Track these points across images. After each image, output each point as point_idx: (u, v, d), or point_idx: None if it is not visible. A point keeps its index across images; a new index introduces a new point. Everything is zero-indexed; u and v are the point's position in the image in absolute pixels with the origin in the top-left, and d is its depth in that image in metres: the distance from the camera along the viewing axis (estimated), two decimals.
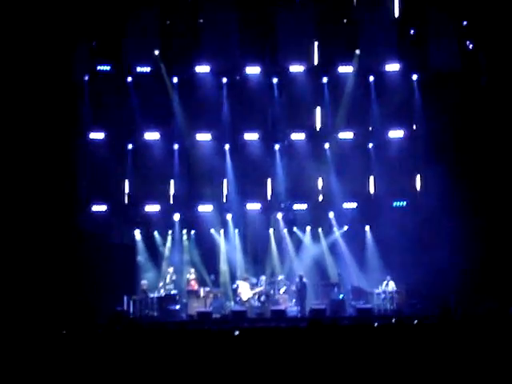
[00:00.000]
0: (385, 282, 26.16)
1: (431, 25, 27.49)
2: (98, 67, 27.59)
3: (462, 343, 13.45)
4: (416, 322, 20.08)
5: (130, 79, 27.83)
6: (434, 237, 26.09)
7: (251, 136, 28.44)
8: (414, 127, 28.38)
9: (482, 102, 26.83)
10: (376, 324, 18.77)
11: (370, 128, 28.64)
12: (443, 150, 26.97)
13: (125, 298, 25.39)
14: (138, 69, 27.80)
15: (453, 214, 25.89)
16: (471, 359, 12.46)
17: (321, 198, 28.88)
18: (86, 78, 27.39)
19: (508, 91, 26.01)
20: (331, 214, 28.61)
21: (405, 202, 28.08)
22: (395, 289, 25.97)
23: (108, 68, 27.62)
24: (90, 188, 27.20)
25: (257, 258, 28.37)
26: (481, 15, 26.93)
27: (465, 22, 27.28)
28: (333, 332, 15.23)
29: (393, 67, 28.01)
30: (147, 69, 27.84)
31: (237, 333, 14.78)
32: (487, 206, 26.39)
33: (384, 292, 25.95)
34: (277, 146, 28.59)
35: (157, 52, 27.48)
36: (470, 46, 27.48)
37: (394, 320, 22.18)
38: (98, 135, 27.57)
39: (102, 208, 27.46)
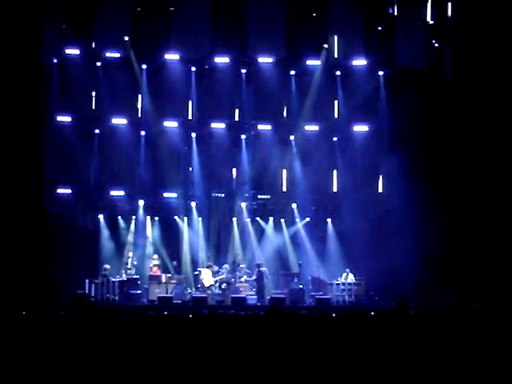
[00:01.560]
0: (344, 274, 26.48)
1: (398, 22, 27.85)
2: (67, 51, 27.48)
3: (417, 336, 13.76)
4: (373, 313, 20.48)
5: (98, 64, 27.77)
6: (394, 230, 26.41)
7: (218, 125, 28.61)
8: (379, 122, 28.71)
9: (446, 98, 27.20)
10: (334, 315, 19.08)
11: (335, 121, 28.94)
12: (406, 145, 27.26)
13: (86, 282, 25.47)
14: (108, 54, 27.68)
15: (413, 209, 26.19)
16: (426, 352, 12.74)
17: (285, 188, 29.16)
18: (55, 61, 27.27)
19: (472, 87, 26.38)
20: (294, 205, 28.91)
21: (367, 196, 28.40)
22: (354, 281, 26.32)
23: (77, 52, 27.53)
24: (56, 171, 27.16)
25: (219, 246, 28.60)
26: (446, 13, 27.35)
27: (431, 21, 27.66)
28: (291, 321, 15.51)
29: (360, 62, 28.31)
30: (116, 54, 27.76)
31: (191, 316, 15.00)
32: (447, 201, 26.77)
33: (343, 284, 26.26)
34: (243, 136, 28.79)
35: (127, 38, 27.42)
36: (436, 44, 27.88)
37: (351, 311, 22.58)
38: (65, 118, 27.52)
39: (67, 191, 27.46)
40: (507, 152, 25.47)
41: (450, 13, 27.21)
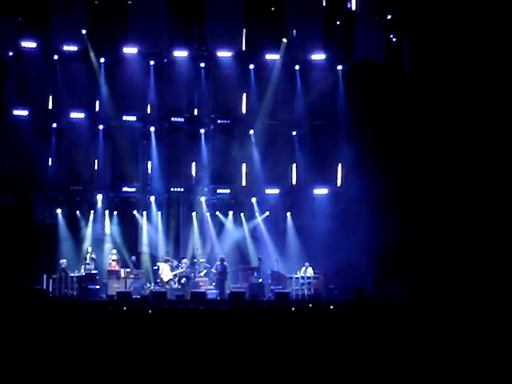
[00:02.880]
0: (303, 268, 26.58)
1: (357, 16, 28.06)
2: (23, 43, 27.15)
3: (376, 327, 13.92)
4: (332, 307, 20.65)
5: (56, 57, 27.47)
6: (353, 225, 26.62)
7: (177, 119, 28.50)
8: (338, 116, 28.90)
9: (403, 91, 27.51)
10: (293, 308, 19.21)
11: (295, 116, 29.04)
12: (365, 140, 27.52)
13: (44, 277, 25.24)
14: (65, 47, 27.40)
15: (371, 203, 26.42)
16: (384, 343, 12.89)
17: (244, 183, 29.19)
18: (10, 54, 26.95)
19: (429, 81, 26.70)
20: (254, 200, 28.96)
21: (326, 190, 28.58)
22: (313, 275, 26.44)
23: (33, 45, 27.21)
24: (13, 165, 26.92)
25: (179, 241, 28.54)
26: (404, 9, 27.63)
27: (389, 16, 27.91)
28: (252, 314, 15.60)
29: (318, 57, 28.43)
30: (74, 48, 27.48)
31: (150, 311, 15.01)
32: (405, 196, 27.06)
33: (302, 277, 26.36)
34: (202, 131, 28.72)
35: (84, 31, 27.19)
36: (394, 39, 28.15)
37: (310, 305, 22.74)
38: (21, 112, 27.19)
39: (24, 186, 27.17)
40: (463, 142, 25.83)
41: (407, 8, 27.49)
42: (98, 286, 25.56)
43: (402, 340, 13.10)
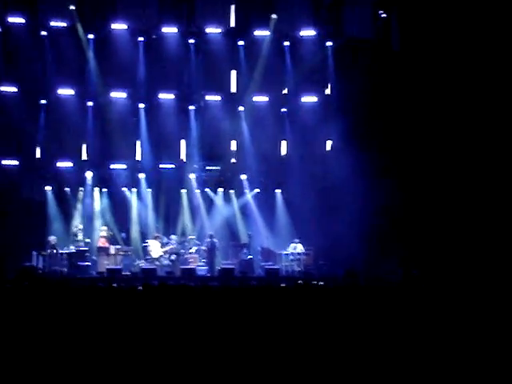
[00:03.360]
0: (293, 245, 26.69)
1: None
2: (11, 19, 26.96)
3: (367, 305, 13.96)
4: (322, 283, 20.73)
5: (44, 33, 27.29)
6: (342, 200, 26.66)
7: (166, 96, 28.46)
8: (327, 92, 28.90)
9: (393, 68, 27.54)
10: (283, 285, 19.27)
11: (284, 92, 29.02)
12: (355, 116, 27.55)
13: (34, 254, 25.26)
14: (53, 23, 27.22)
15: (362, 178, 26.49)
16: (374, 321, 12.95)
17: (234, 160, 29.19)
18: None
19: (418, 57, 26.74)
20: (243, 177, 28.98)
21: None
22: (303, 251, 26.55)
23: (21, 21, 27.01)
24: (1, 142, 26.83)
25: (168, 218, 28.56)
26: None
27: None
28: (241, 292, 15.62)
29: (308, 33, 28.36)
30: (62, 23, 27.33)
31: (140, 288, 15.00)
32: (396, 172, 27.16)
33: (292, 254, 26.49)
34: (192, 107, 28.67)
35: (72, 7, 27.00)
36: (383, 15, 28.10)
37: (300, 281, 22.81)
38: (10, 89, 27.09)
39: (14, 163, 27.12)
40: (453, 118, 25.90)
41: None
42: (88, 263, 25.59)
43: (393, 318, 13.15)
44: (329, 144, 28.65)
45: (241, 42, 28.56)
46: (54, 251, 25.28)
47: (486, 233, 24.58)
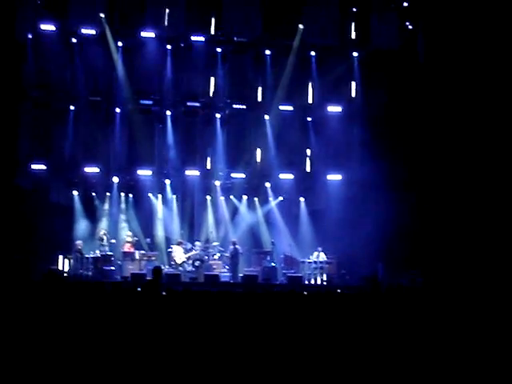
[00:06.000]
0: (316, 253, 26.80)
1: (373, 3, 28.11)
2: (42, 26, 27.31)
3: (388, 313, 14.06)
4: (339, 291, 20.83)
5: (74, 40, 27.70)
6: (366, 211, 26.75)
7: (193, 104, 28.70)
8: (353, 102, 29.00)
9: (418, 79, 27.59)
10: (305, 292, 19.37)
11: (310, 102, 29.18)
12: (380, 126, 27.67)
13: (60, 257, 25.57)
14: (83, 30, 27.57)
15: (384, 189, 26.58)
16: (395, 329, 13.04)
17: (259, 167, 29.36)
18: (30, 36, 27.09)
19: (444, 69, 26.77)
20: (268, 184, 29.15)
21: (340, 176, 28.75)
22: (326, 259, 26.66)
23: (52, 28, 27.37)
24: (31, 147, 27.15)
25: (193, 224, 28.76)
26: None
27: (405, 3, 27.96)
28: (265, 298, 15.76)
29: (334, 43, 28.50)
30: (92, 31, 27.66)
31: (164, 293, 15.18)
32: (418, 182, 27.22)
33: (315, 262, 26.60)
34: (218, 115, 28.87)
35: (102, 15, 27.36)
36: (410, 27, 28.19)
37: (323, 289, 22.94)
38: (39, 94, 27.43)
39: (42, 167, 27.42)
40: (477, 130, 25.90)
41: None
42: (113, 268, 25.84)
43: (413, 325, 13.24)
44: (353, 153, 28.71)
45: (267, 52, 28.77)
46: (80, 255, 25.55)
47: (507, 244, 24.55)
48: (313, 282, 26.25)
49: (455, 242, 25.50)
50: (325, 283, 26.02)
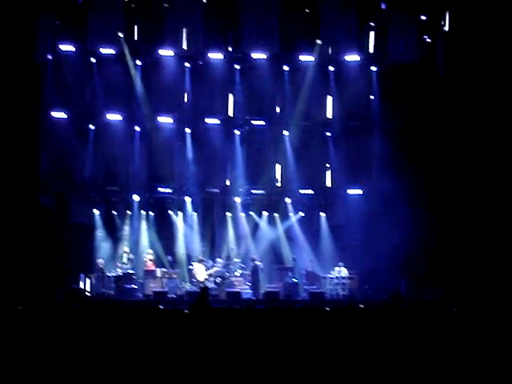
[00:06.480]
0: (337, 268, 26.71)
1: (391, 17, 28.07)
2: (61, 47, 27.53)
3: (410, 329, 13.98)
4: (362, 306, 20.72)
5: (93, 60, 27.89)
6: (387, 225, 26.61)
7: (212, 121, 28.78)
8: (372, 116, 28.95)
9: (438, 93, 27.50)
10: (328, 308, 19.29)
11: (329, 117, 29.16)
12: (400, 140, 27.59)
13: (82, 276, 25.63)
14: (102, 50, 27.77)
15: (406, 203, 26.45)
16: (418, 345, 12.95)
17: (278, 183, 29.34)
18: (49, 57, 27.30)
19: (464, 82, 26.67)
20: (288, 200, 29.11)
21: (360, 191, 28.67)
22: (347, 275, 26.55)
23: (71, 48, 27.60)
24: (51, 166, 27.32)
25: (214, 241, 28.75)
26: (439, 9, 27.63)
27: (423, 16, 27.91)
28: (287, 314, 15.73)
29: (352, 58, 28.49)
30: (111, 51, 27.85)
31: (186, 311, 15.17)
32: (440, 196, 27.05)
33: (337, 277, 26.49)
34: (237, 132, 28.94)
35: (121, 34, 27.51)
36: (428, 40, 28.14)
37: (344, 305, 22.81)
38: (60, 115, 27.62)
39: (63, 186, 27.55)
40: (499, 143, 25.75)
41: (440, 8, 27.49)
42: (134, 286, 25.88)
43: (437, 341, 13.15)
44: (373, 167, 28.63)
45: (286, 67, 28.81)
46: (102, 274, 25.62)
47: None
48: (335, 297, 26.14)
49: (479, 257, 25.29)
50: (347, 298, 25.91)
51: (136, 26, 27.87)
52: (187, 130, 28.67)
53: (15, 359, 12.04)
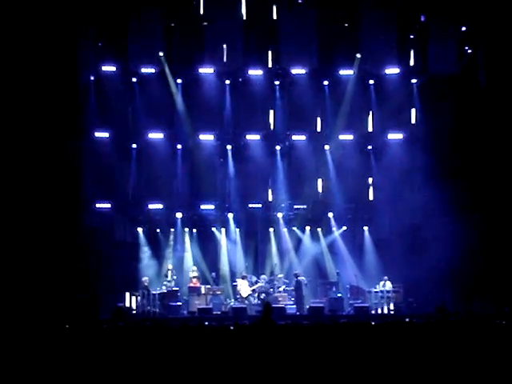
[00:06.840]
0: (382, 282, 26.57)
1: (431, 29, 27.94)
2: (103, 68, 27.93)
3: (457, 342, 13.82)
4: (407, 320, 20.54)
5: (134, 80, 28.25)
6: (431, 237, 26.46)
7: (253, 137, 28.89)
8: (414, 129, 28.82)
9: (480, 104, 27.30)
10: (373, 323, 19.17)
11: (370, 130, 29.11)
12: (442, 152, 27.43)
13: (127, 295, 25.82)
14: (143, 70, 28.08)
15: (450, 215, 26.31)
16: (466, 358, 12.81)
17: (321, 198, 29.31)
18: (92, 78, 27.72)
19: (506, 93, 26.46)
20: (330, 214, 29.05)
21: (403, 203, 28.46)
22: (392, 288, 26.39)
23: (113, 69, 27.98)
24: (95, 186, 27.58)
25: (257, 257, 28.81)
26: (479, 20, 27.43)
27: (463, 28, 27.74)
28: (332, 329, 15.64)
29: (392, 71, 28.42)
30: (152, 70, 28.14)
31: (232, 327, 15.16)
32: (485, 207, 26.83)
33: (381, 291, 26.35)
34: (278, 147, 29.01)
35: (161, 53, 27.78)
36: (469, 51, 27.96)
37: (391, 319, 22.66)
38: (103, 134, 27.94)
39: (107, 206, 27.82)
40: None
41: (481, 20, 27.28)
42: (179, 303, 25.99)
43: (485, 355, 12.99)
44: (416, 180, 28.46)
45: (325, 82, 28.85)
46: (147, 292, 25.75)
47: None
48: (380, 311, 26.00)
49: None
50: (392, 312, 25.75)
51: (176, 45, 28.10)
52: (228, 147, 28.83)
53: (63, 378, 12.14)
